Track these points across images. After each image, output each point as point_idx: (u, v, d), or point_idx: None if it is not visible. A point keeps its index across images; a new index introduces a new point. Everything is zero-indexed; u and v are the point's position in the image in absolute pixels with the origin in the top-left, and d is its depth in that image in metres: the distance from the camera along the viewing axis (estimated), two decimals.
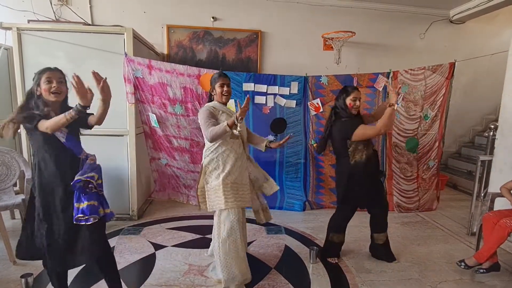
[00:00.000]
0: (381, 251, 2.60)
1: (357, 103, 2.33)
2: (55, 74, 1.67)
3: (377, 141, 3.66)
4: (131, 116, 3.15)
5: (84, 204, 1.62)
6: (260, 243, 2.83)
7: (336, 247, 2.58)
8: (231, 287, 2.10)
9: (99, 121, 1.78)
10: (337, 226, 2.55)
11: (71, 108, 1.65)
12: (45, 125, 1.57)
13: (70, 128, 1.68)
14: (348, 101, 2.34)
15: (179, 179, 3.54)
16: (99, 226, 1.72)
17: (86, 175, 1.65)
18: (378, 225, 2.57)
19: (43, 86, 1.64)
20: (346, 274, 2.38)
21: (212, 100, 2.25)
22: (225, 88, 2.18)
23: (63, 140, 1.67)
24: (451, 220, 3.51)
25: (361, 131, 2.27)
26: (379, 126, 2.25)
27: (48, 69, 1.68)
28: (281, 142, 2.26)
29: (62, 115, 1.57)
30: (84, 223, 1.62)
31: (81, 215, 1.61)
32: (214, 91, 2.22)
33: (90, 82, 1.80)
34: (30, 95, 1.68)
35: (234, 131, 1.99)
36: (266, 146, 2.31)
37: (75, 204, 1.62)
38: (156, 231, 3.01)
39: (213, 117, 2.09)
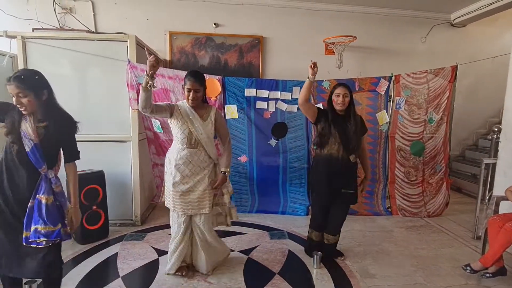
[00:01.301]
0: (329, 249, 2.61)
1: (340, 99, 2.37)
2: (12, 89, 1.52)
3: (378, 146, 3.64)
4: (134, 122, 3.17)
5: (35, 228, 1.55)
6: (263, 248, 2.82)
7: (313, 245, 2.61)
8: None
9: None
10: (312, 220, 2.65)
11: (57, 113, 1.65)
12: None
13: (41, 142, 1.58)
14: (333, 97, 2.44)
15: None
16: (52, 248, 1.62)
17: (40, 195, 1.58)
18: (331, 226, 2.56)
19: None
20: (350, 279, 2.36)
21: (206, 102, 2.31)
22: (191, 94, 2.11)
23: (27, 148, 1.55)
24: (456, 224, 3.48)
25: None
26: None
27: (7, 82, 1.53)
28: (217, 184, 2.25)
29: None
30: (35, 245, 1.55)
31: (33, 239, 1.54)
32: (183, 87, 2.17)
33: (93, 88, 1.79)
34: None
35: (148, 87, 1.91)
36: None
37: (28, 227, 1.55)
38: (159, 237, 3.01)
39: (168, 106, 2.14)
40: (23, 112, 1.57)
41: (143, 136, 3.35)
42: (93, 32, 4.06)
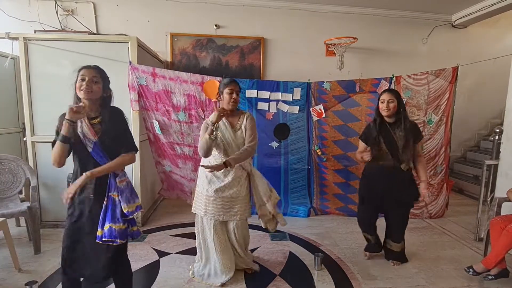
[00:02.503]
0: (392, 255, 2.61)
1: (384, 105, 2.32)
2: (89, 72, 1.61)
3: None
4: (135, 123, 3.18)
5: (107, 226, 1.58)
6: (264, 250, 2.81)
7: (369, 243, 2.67)
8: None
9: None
10: (360, 224, 2.67)
11: (111, 108, 1.70)
12: (51, 161, 1.54)
13: (100, 139, 1.61)
14: (379, 104, 2.39)
15: (184, 186, 3.54)
16: (120, 248, 1.68)
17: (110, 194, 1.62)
18: (391, 235, 2.59)
19: (77, 84, 1.60)
20: (352, 281, 2.35)
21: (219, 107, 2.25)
22: (233, 96, 2.15)
23: (89, 149, 1.59)
24: (458, 226, 3.46)
25: (359, 143, 2.53)
26: (357, 157, 2.54)
27: (85, 67, 1.63)
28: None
29: (57, 141, 1.52)
30: (110, 243, 1.60)
31: (107, 238, 1.58)
32: (221, 96, 2.19)
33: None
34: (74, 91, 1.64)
35: (211, 136, 2.02)
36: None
37: (103, 225, 1.59)
38: (160, 238, 3.00)
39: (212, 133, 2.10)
40: (84, 97, 1.58)
41: (144, 137, 3.36)
42: (94, 34, 4.07)
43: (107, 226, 1.58)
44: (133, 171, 3.22)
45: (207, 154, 2.08)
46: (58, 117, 1.63)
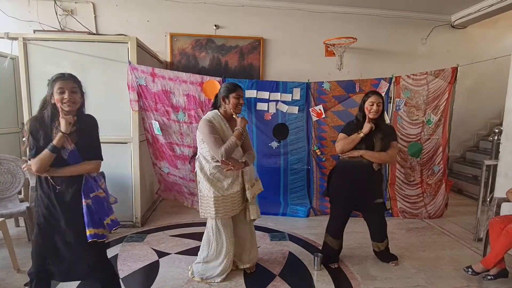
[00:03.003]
0: (382, 255, 2.64)
1: (374, 107, 2.32)
2: (67, 84, 1.59)
3: None
4: (134, 123, 3.17)
5: (106, 222, 1.66)
6: (263, 250, 2.81)
7: (330, 250, 2.55)
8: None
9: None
10: (330, 228, 2.57)
11: (86, 116, 1.70)
12: (33, 167, 1.57)
13: (76, 147, 1.63)
14: (366, 105, 2.37)
15: (182, 187, 3.54)
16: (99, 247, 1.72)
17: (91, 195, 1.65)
18: (374, 234, 2.61)
19: (56, 96, 1.58)
20: (351, 281, 2.35)
21: (217, 107, 2.27)
22: (241, 101, 2.22)
23: (65, 156, 1.61)
24: (457, 226, 3.47)
25: (339, 139, 2.45)
26: (338, 142, 2.43)
27: (60, 78, 1.60)
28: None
29: (46, 152, 1.55)
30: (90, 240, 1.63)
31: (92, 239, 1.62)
32: (226, 100, 2.20)
33: (94, 90, 1.81)
34: (44, 104, 1.64)
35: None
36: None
37: (94, 224, 1.63)
38: (159, 238, 3.00)
39: (217, 132, 2.14)
40: (66, 110, 1.59)
41: (143, 137, 3.35)
42: (94, 34, 4.07)
43: (108, 219, 1.66)
44: (132, 171, 3.22)
45: (229, 156, 2.13)
46: (28, 122, 1.64)
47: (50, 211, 1.63)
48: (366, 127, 2.32)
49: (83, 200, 1.62)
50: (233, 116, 2.23)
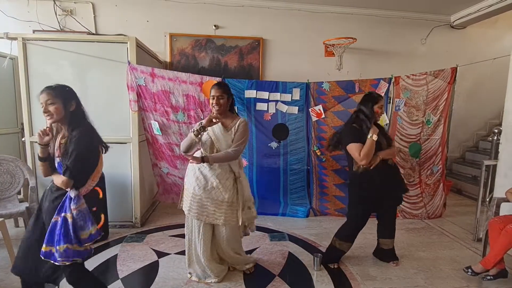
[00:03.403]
0: (387, 254, 2.64)
1: (380, 111, 2.39)
2: (43, 97, 1.60)
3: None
4: (134, 123, 3.17)
5: (63, 247, 1.56)
6: (263, 250, 2.81)
7: (337, 253, 2.55)
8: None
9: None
10: (345, 233, 2.51)
11: (79, 127, 1.67)
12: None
13: (62, 159, 1.62)
14: (376, 108, 2.36)
15: (181, 187, 3.53)
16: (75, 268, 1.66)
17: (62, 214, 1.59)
18: (387, 230, 2.61)
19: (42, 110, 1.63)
20: (351, 281, 2.35)
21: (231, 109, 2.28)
22: (214, 101, 2.12)
23: (56, 164, 1.68)
24: (457, 226, 3.47)
25: (353, 148, 2.30)
26: (362, 155, 2.26)
27: (41, 92, 1.62)
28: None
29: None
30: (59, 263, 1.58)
31: (63, 259, 1.57)
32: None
33: (93, 90, 1.81)
34: None
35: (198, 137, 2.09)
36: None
37: (51, 242, 1.59)
38: (159, 239, 3.00)
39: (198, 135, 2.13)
40: (48, 121, 1.62)
41: (143, 137, 3.35)
42: (93, 34, 4.07)
43: (62, 246, 1.55)
44: (132, 172, 3.22)
45: (187, 150, 2.13)
46: None
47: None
48: (375, 130, 2.31)
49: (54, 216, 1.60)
50: (231, 115, 2.26)
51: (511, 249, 2.19)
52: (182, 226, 3.29)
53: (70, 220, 1.57)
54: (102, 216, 2.92)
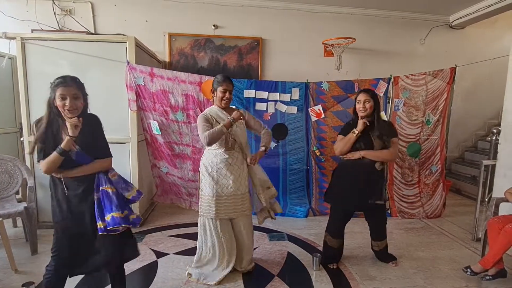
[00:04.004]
0: (380, 255, 2.65)
1: (361, 106, 2.29)
2: (69, 91, 1.58)
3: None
4: (133, 123, 3.17)
5: (109, 216, 1.63)
6: (262, 250, 2.81)
7: (330, 251, 2.53)
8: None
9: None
10: (331, 228, 2.53)
11: (90, 116, 1.71)
12: (42, 168, 1.58)
13: (81, 147, 1.63)
14: (356, 104, 2.36)
15: (180, 188, 3.53)
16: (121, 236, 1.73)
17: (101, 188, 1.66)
18: (374, 233, 2.60)
19: (57, 102, 1.58)
20: (350, 281, 2.35)
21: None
22: (226, 95, 2.20)
23: (73, 157, 1.62)
24: (456, 226, 3.47)
25: (337, 140, 2.42)
26: (336, 147, 2.42)
27: (62, 83, 1.58)
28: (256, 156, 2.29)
29: (54, 154, 1.56)
30: (113, 232, 1.65)
31: (111, 227, 1.62)
32: (215, 93, 2.23)
33: (92, 90, 1.81)
34: (49, 105, 1.62)
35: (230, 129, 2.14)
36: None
37: (103, 217, 1.63)
38: (158, 239, 2.99)
39: (208, 122, 2.16)
40: (70, 115, 1.58)
41: (142, 137, 3.34)
42: (92, 34, 4.06)
43: (108, 216, 1.62)
44: (131, 172, 3.21)
45: (213, 143, 2.12)
46: (35, 124, 1.63)
47: (62, 208, 1.65)
48: (360, 124, 2.29)
49: (94, 194, 1.65)
50: (230, 107, 2.29)
51: (510, 249, 2.19)
52: (181, 226, 3.31)
53: (111, 190, 1.66)
54: None
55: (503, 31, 5.12)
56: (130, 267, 2.45)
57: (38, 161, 1.61)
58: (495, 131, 3.14)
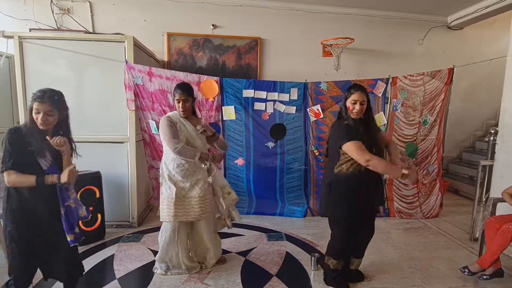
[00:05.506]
0: (353, 275, 2.35)
1: (357, 107, 2.00)
2: (43, 107, 1.61)
3: (375, 154, 3.65)
4: (131, 123, 3.16)
5: (76, 231, 1.79)
6: (260, 250, 2.81)
7: (333, 273, 2.24)
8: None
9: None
10: (331, 249, 2.23)
11: (65, 132, 1.76)
12: (8, 179, 1.59)
13: (55, 160, 1.69)
14: (348, 103, 2.05)
15: None
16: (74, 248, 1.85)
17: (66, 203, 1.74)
18: (359, 250, 2.29)
19: (33, 113, 1.63)
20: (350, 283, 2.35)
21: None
22: (181, 105, 2.19)
23: (45, 168, 1.65)
24: (453, 226, 3.48)
25: (352, 147, 1.94)
26: (374, 162, 1.90)
27: (38, 99, 1.62)
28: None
29: (32, 179, 1.59)
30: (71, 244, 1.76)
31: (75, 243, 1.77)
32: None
33: (91, 89, 1.80)
34: (30, 113, 1.66)
35: (202, 165, 2.23)
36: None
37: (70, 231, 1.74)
38: (155, 238, 2.95)
39: (175, 127, 2.19)
40: (41, 127, 1.64)
41: (140, 137, 3.34)
42: (90, 33, 4.05)
43: (77, 229, 1.79)
44: (129, 171, 3.20)
45: (179, 156, 2.18)
46: (8, 132, 1.62)
47: (25, 212, 1.69)
48: (409, 170, 1.93)
49: (61, 208, 1.72)
50: (195, 117, 2.36)
51: (507, 248, 2.20)
52: None
53: (73, 206, 1.77)
54: (99, 215, 2.91)
55: (501, 32, 5.13)
56: (128, 266, 2.46)
57: (2, 171, 1.60)
58: (492, 131, 3.15)
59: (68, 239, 1.72)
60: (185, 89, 2.20)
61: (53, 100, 1.65)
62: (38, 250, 1.73)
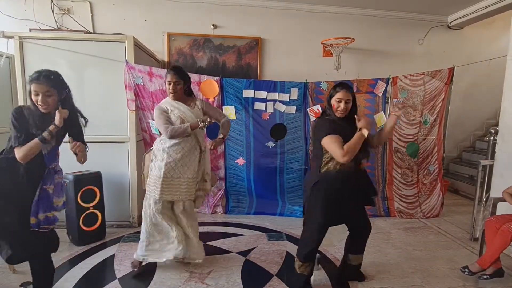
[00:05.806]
0: (351, 271, 2.33)
1: (341, 105, 1.94)
2: (41, 88, 1.61)
3: (376, 153, 3.66)
4: (131, 123, 3.16)
5: (43, 216, 1.71)
6: (261, 250, 2.81)
7: (299, 279, 2.19)
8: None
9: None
10: (301, 251, 2.16)
11: (72, 112, 1.75)
12: (19, 155, 1.59)
13: (58, 141, 1.71)
14: (332, 101, 1.99)
15: None
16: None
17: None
18: (354, 246, 2.26)
19: (32, 96, 1.64)
20: (348, 280, 2.35)
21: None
22: (171, 86, 2.21)
23: (45, 152, 1.67)
24: (454, 226, 3.49)
25: (328, 141, 1.88)
26: (345, 148, 1.83)
27: (35, 80, 1.61)
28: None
29: (35, 141, 1.60)
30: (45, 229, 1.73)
31: (45, 225, 1.71)
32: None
33: (91, 89, 1.81)
34: (29, 96, 1.67)
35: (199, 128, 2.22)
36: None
37: (37, 214, 1.69)
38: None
39: (166, 112, 2.23)
40: (42, 111, 1.64)
41: (140, 137, 3.34)
42: (91, 33, 4.05)
43: (42, 215, 1.70)
44: (129, 171, 3.20)
45: (175, 138, 2.20)
46: (15, 110, 1.67)
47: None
48: (365, 123, 1.89)
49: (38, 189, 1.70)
50: (188, 97, 2.35)
51: (507, 248, 2.20)
52: None
53: (51, 191, 1.74)
54: (99, 215, 2.92)
55: (501, 31, 5.13)
56: (128, 266, 2.46)
57: (14, 148, 1.61)
58: (492, 131, 3.15)
59: (31, 221, 1.68)
60: (176, 71, 2.22)
61: (49, 79, 1.63)
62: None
